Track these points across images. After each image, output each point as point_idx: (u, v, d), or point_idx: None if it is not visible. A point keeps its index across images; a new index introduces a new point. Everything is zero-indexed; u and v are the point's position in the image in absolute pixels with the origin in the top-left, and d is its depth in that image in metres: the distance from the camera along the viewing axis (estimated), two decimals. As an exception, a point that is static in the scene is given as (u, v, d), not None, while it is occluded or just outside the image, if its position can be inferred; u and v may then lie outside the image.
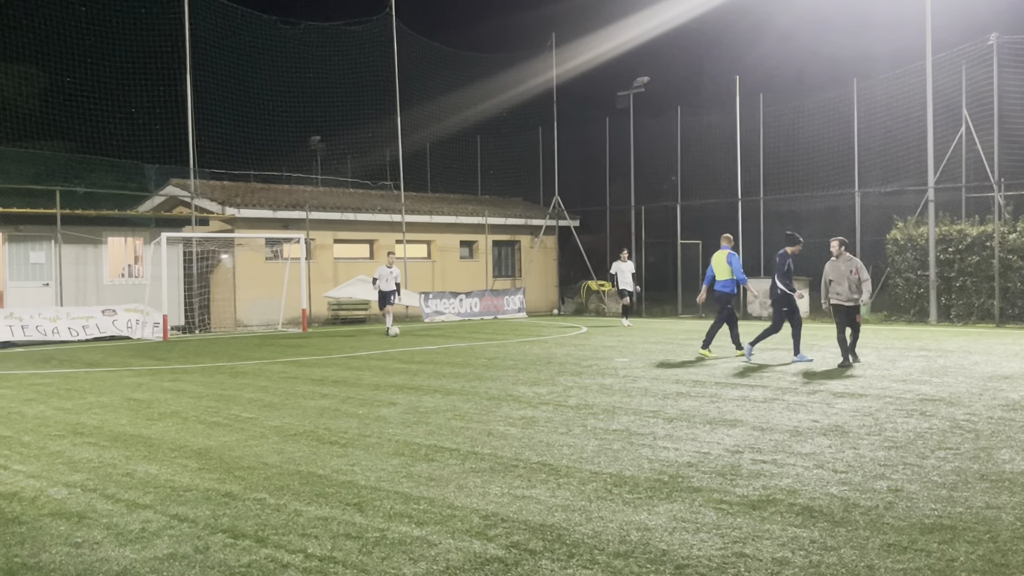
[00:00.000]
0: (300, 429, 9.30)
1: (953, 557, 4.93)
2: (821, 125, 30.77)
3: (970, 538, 5.25)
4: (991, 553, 4.98)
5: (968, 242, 24.81)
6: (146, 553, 5.29)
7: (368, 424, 9.51)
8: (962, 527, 5.46)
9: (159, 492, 6.74)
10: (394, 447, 8.24)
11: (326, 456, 7.91)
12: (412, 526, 5.73)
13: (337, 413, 10.31)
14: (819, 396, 10.95)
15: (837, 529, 5.48)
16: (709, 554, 5.08)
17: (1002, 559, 4.87)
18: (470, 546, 5.30)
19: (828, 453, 7.62)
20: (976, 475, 6.76)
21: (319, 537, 5.54)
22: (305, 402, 11.26)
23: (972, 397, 10.71)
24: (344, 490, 6.68)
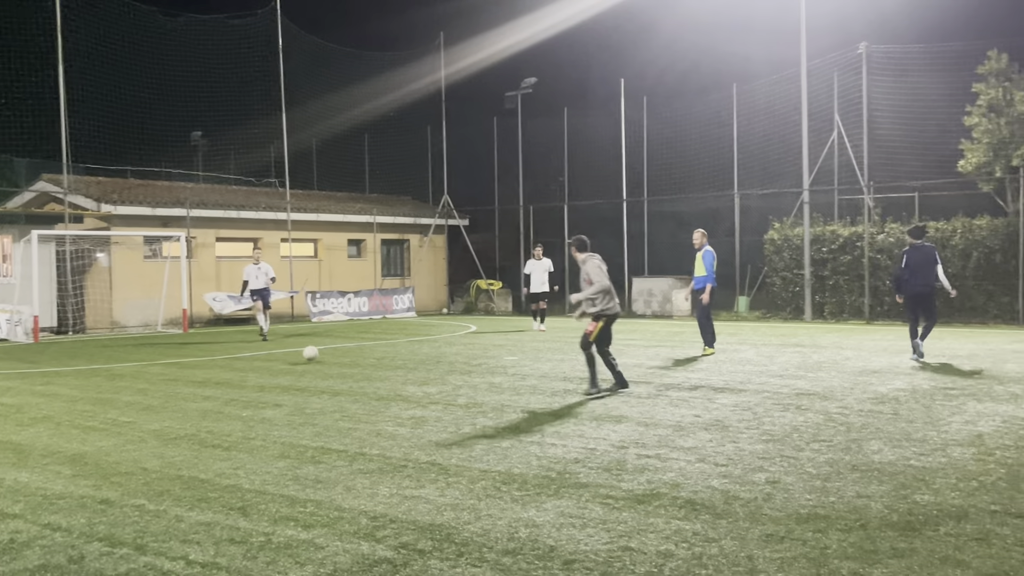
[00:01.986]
0: (181, 432, 9.03)
1: (827, 545, 5.14)
2: (703, 128, 31.64)
3: (842, 526, 5.48)
4: (861, 540, 5.20)
5: (840, 242, 25.88)
6: (15, 565, 5.05)
7: (253, 426, 9.31)
8: (835, 516, 5.70)
9: (30, 500, 6.45)
10: (280, 449, 8.09)
11: (208, 460, 7.71)
12: (298, 529, 5.64)
13: (220, 416, 10.06)
14: (701, 392, 11.25)
15: (719, 521, 5.64)
16: (596, 549, 5.16)
17: (872, 546, 5.10)
18: (358, 548, 5.25)
19: (710, 447, 7.84)
20: (848, 466, 7.06)
21: (201, 543, 5.39)
22: (186, 405, 10.94)
23: (844, 391, 11.17)
24: (227, 494, 6.52)
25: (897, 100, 27.65)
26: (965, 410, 9.63)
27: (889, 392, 11.01)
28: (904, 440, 8.03)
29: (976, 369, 13.23)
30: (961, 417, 9.20)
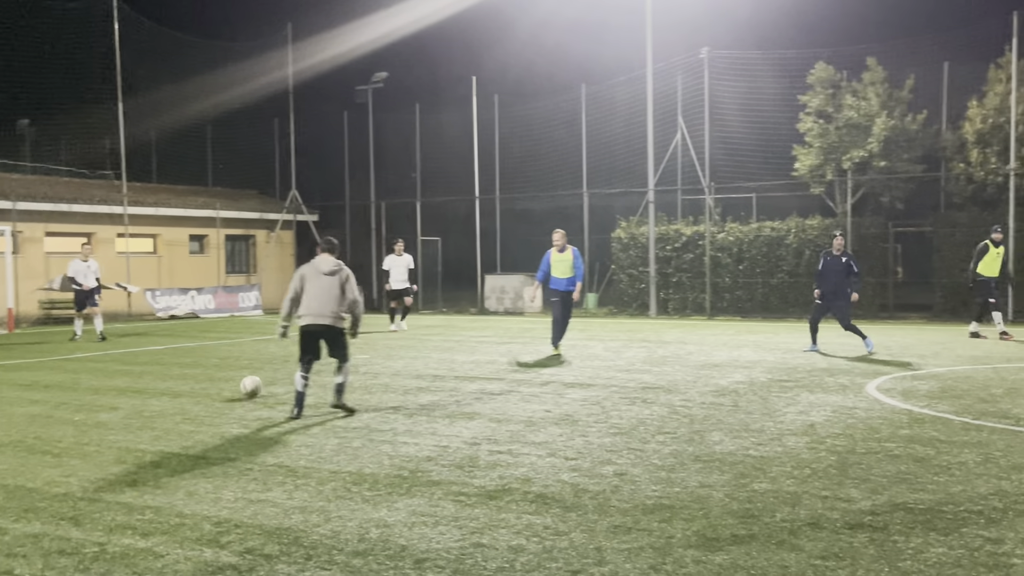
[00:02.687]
0: (6, 439, 8.47)
1: (671, 534, 5.28)
2: (554, 127, 32.11)
3: (686, 515, 5.65)
4: (704, 528, 5.38)
5: (683, 241, 26.80)
6: None
7: (86, 431, 8.83)
8: (679, 506, 5.87)
9: None
10: (116, 455, 7.70)
11: (36, 467, 7.26)
12: (136, 538, 5.37)
13: (50, 420, 9.49)
14: (551, 387, 11.40)
15: (568, 514, 5.72)
16: (448, 546, 5.14)
17: (714, 533, 5.28)
18: (200, 555, 5.05)
19: (560, 441, 7.95)
20: (691, 456, 7.29)
21: (28, 556, 5.06)
22: (12, 409, 10.27)
23: (687, 384, 11.56)
24: (58, 503, 6.15)
25: (737, 104, 28.84)
26: (799, 401, 10.12)
27: (729, 385, 11.46)
28: (743, 431, 8.36)
29: (809, 362, 13.93)
30: (795, 408, 9.65)
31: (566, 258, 15.46)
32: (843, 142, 26.10)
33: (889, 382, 11.62)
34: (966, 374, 12.44)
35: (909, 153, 26.22)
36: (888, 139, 25.64)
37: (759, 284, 25.67)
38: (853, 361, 13.88)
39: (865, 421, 8.80)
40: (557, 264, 15.48)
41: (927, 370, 12.91)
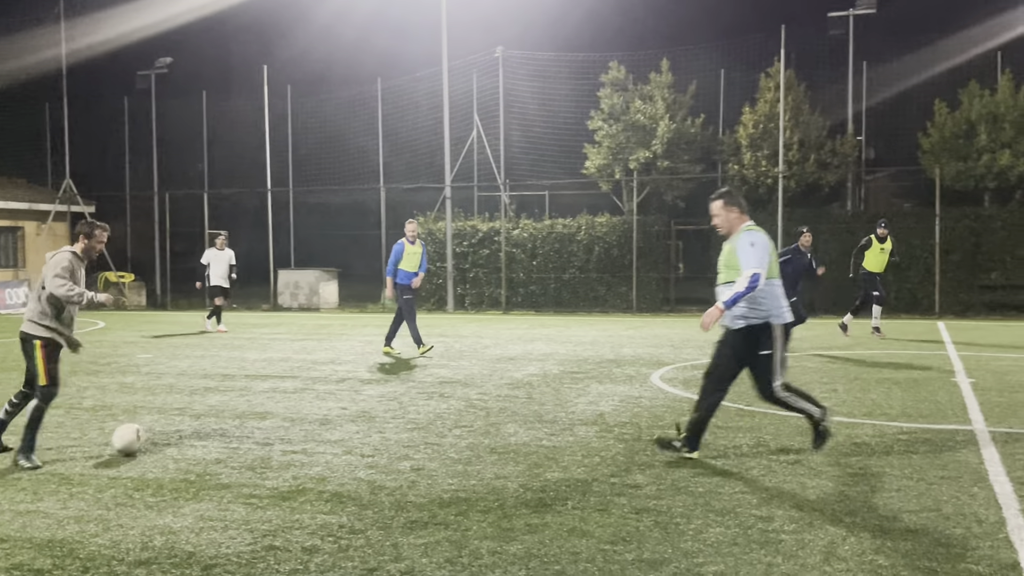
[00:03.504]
0: None
1: (468, 527, 5.33)
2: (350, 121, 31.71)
3: (482, 507, 5.72)
4: (499, 519, 5.46)
5: (480, 236, 27.15)
6: None
7: None
8: (475, 498, 5.93)
9: None
10: None
11: None
12: None
13: None
14: (348, 384, 11.26)
15: (365, 512, 5.65)
16: (238, 551, 4.96)
17: (509, 524, 5.37)
18: (-40, 575, 4.63)
19: (356, 439, 7.85)
20: (487, 449, 7.40)
21: None
22: None
23: (483, 378, 11.72)
24: None
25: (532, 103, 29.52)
26: (589, 392, 10.48)
27: (523, 377, 11.71)
28: (537, 422, 8.57)
29: (597, 354, 14.46)
30: (586, 398, 9.99)
31: (417, 250, 14.98)
32: (630, 143, 27.26)
33: (671, 372, 12.24)
34: (740, 363, 13.27)
35: (689, 154, 27.74)
36: (671, 141, 27.01)
37: (552, 279, 26.40)
38: (639, 352, 14.53)
39: (650, 410, 9.23)
40: (410, 257, 14.88)
41: (706, 360, 13.67)
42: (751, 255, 6.62)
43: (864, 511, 5.53)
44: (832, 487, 6.09)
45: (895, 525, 5.24)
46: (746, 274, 6.55)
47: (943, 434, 7.87)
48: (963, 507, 5.59)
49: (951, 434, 7.86)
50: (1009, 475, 6.35)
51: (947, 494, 5.89)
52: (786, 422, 8.48)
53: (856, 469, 6.60)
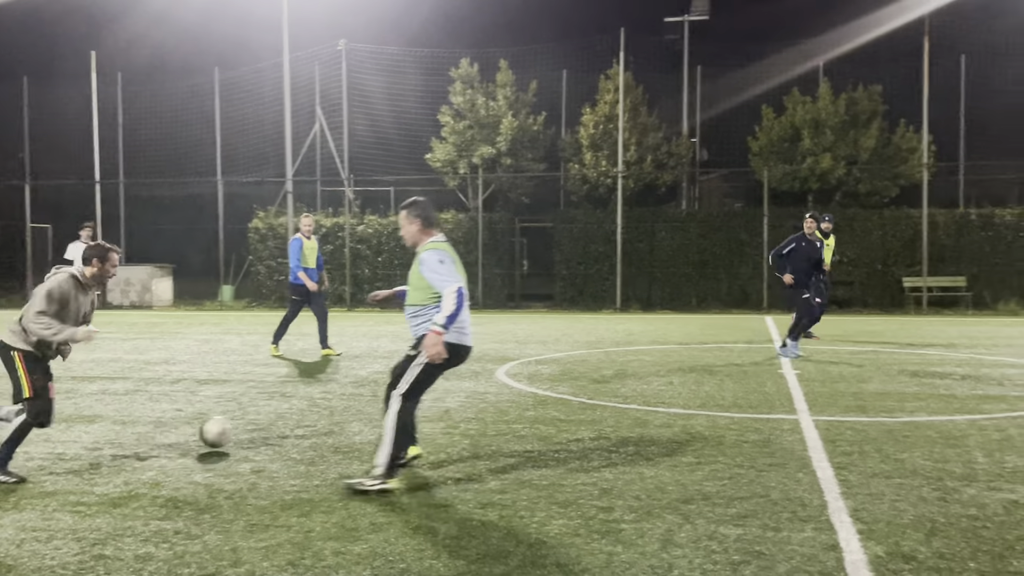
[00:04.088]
0: None
1: (311, 528, 5.23)
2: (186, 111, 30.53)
3: (326, 508, 5.62)
4: (343, 520, 5.38)
5: (323, 232, 26.68)
6: None
7: None
8: (319, 499, 5.83)
9: None
10: None
11: None
12: None
13: None
14: (183, 385, 10.85)
15: (202, 516, 5.46)
16: (64, 561, 4.69)
17: (353, 524, 5.30)
18: None
19: (193, 441, 7.57)
20: (331, 448, 7.28)
21: None
22: None
23: (327, 376, 11.52)
24: None
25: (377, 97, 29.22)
26: (435, 388, 10.40)
27: (369, 375, 11.59)
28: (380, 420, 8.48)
29: (443, 350, 14.45)
30: (431, 395, 9.94)
31: (314, 246, 14.32)
32: (475, 139, 27.42)
33: (516, 367, 12.39)
34: (582, 358, 13.60)
35: (533, 153, 28.13)
36: (515, 139, 27.32)
37: (398, 276, 26.23)
38: (485, 348, 14.62)
39: (495, 405, 9.30)
40: (309, 253, 14.19)
41: (549, 355, 13.94)
42: (444, 273, 6.18)
43: (699, 499, 5.75)
44: (669, 476, 6.31)
45: (728, 511, 5.48)
46: (450, 292, 6.06)
47: (771, 423, 8.28)
48: (789, 492, 5.90)
49: (778, 423, 8.28)
50: (830, 460, 6.74)
51: (775, 480, 6.20)
52: (625, 415, 8.73)
53: (692, 458, 6.85)
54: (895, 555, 4.69)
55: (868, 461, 6.73)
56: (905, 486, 6.02)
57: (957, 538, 4.95)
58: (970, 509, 5.49)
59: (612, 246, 25.82)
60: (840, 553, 4.73)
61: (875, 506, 5.57)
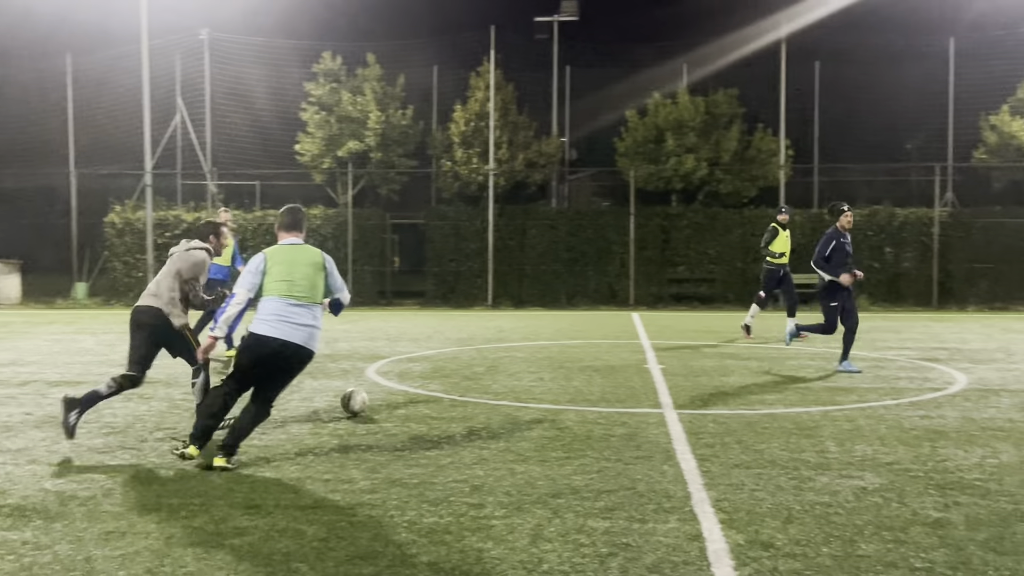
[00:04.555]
0: None
1: (171, 534, 5.02)
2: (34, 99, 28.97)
3: (187, 513, 5.41)
4: (207, 524, 5.20)
5: (184, 227, 25.80)
6: None
7: None
8: (180, 504, 5.61)
9: None
10: None
11: None
12: None
13: None
14: (32, 387, 10.29)
15: (52, 525, 5.18)
16: None
17: (217, 528, 5.12)
18: None
19: (42, 447, 7.19)
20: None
21: None
22: None
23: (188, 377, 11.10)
24: None
25: (241, 89, 28.42)
26: (303, 388, 10.26)
27: (233, 374, 11.25)
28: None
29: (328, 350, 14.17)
30: (299, 395, 9.78)
31: (230, 243, 13.54)
32: (343, 134, 27.04)
33: (387, 365, 12.27)
34: (454, 355, 13.59)
35: (403, 148, 27.96)
36: (384, 134, 27.08)
37: (263, 272, 25.61)
38: (355, 346, 14.43)
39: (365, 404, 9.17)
40: (227, 251, 13.49)
41: (420, 353, 13.87)
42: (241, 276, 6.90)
43: (568, 493, 5.82)
44: (539, 471, 6.36)
45: (596, 505, 5.56)
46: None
47: (637, 417, 8.46)
48: (655, 484, 6.03)
49: (644, 417, 8.47)
50: (694, 452, 6.93)
51: (641, 473, 6.33)
52: (496, 411, 8.77)
53: (561, 453, 6.93)
54: (754, 543, 4.86)
55: (729, 452, 6.95)
56: (764, 476, 6.24)
57: (811, 524, 5.17)
58: (823, 496, 5.74)
59: (484, 243, 25.92)
60: (703, 542, 4.87)
61: (736, 496, 5.75)
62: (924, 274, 25.84)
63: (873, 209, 26.43)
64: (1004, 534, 4.98)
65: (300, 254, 6.95)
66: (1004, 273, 25.67)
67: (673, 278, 26.53)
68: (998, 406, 9.03)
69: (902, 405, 9.11)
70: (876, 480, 6.12)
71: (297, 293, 6.68)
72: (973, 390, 10.08)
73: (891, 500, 5.64)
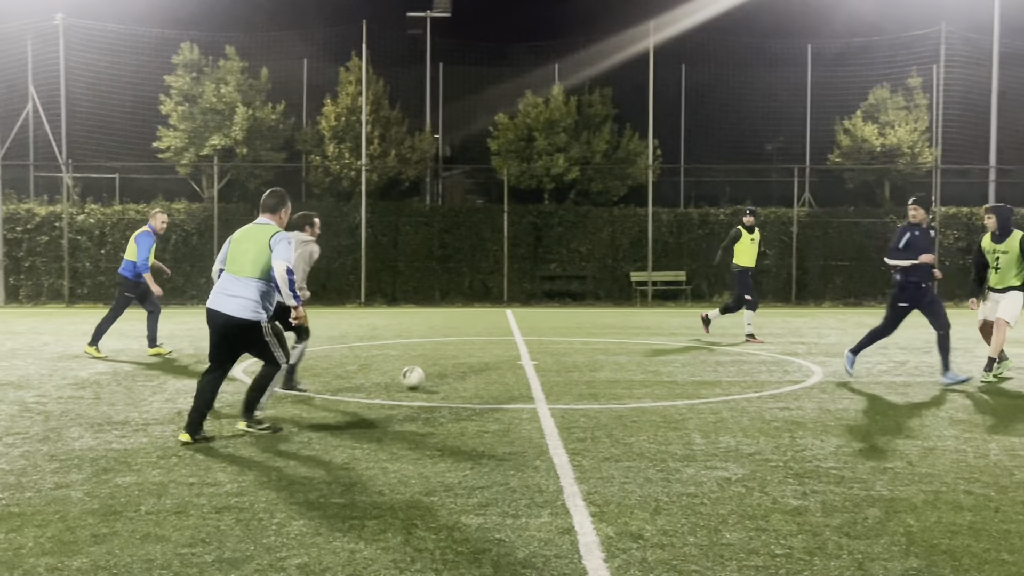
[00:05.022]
0: None
1: (21, 544, 4.76)
2: None
3: (39, 521, 5.14)
4: (60, 533, 4.95)
5: (37, 222, 24.59)
6: None
7: None
8: (31, 512, 5.32)
9: None
10: None
11: None
12: None
13: None
14: None
15: None
16: None
17: (71, 536, 4.88)
18: None
19: None
20: (46, 456, 6.68)
21: None
22: None
23: (42, 378, 10.60)
24: None
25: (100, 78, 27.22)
26: (166, 388, 9.91)
27: (91, 376, 10.78)
28: (106, 424, 7.91)
29: (177, 348, 13.71)
30: (162, 396, 9.44)
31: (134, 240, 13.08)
32: (207, 127, 26.24)
33: (255, 364, 11.94)
34: (325, 353, 13.37)
35: (272, 143, 27.34)
36: (251, 128, 26.42)
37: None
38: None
39: (232, 404, 8.91)
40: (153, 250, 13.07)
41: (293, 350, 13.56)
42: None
43: (441, 490, 5.80)
44: (412, 469, 6.31)
45: (469, 501, 5.55)
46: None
47: (510, 413, 8.51)
48: (527, 479, 6.07)
49: (518, 413, 8.53)
50: (566, 447, 7.02)
51: (514, 468, 6.37)
52: (369, 409, 8.67)
53: (434, 451, 6.90)
54: (624, 534, 4.95)
55: (600, 446, 7.07)
56: (633, 468, 6.37)
57: (678, 515, 5.30)
58: (689, 487, 5.90)
59: (356, 240, 25.62)
60: (575, 536, 4.93)
61: (606, 489, 5.85)
62: (784, 271, 26.95)
63: (735, 209, 27.39)
64: (856, 519, 5.23)
65: (253, 232, 7.36)
66: (857, 270, 27.07)
67: (545, 275, 26.85)
68: (851, 397, 9.49)
69: (763, 397, 9.46)
70: (739, 470, 6.33)
71: (234, 268, 7.26)
72: (829, 382, 10.56)
73: (753, 489, 5.85)
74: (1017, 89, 29.27)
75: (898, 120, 28.66)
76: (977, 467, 6.43)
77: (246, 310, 7.14)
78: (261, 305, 7.21)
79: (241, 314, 7.13)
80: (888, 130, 28.52)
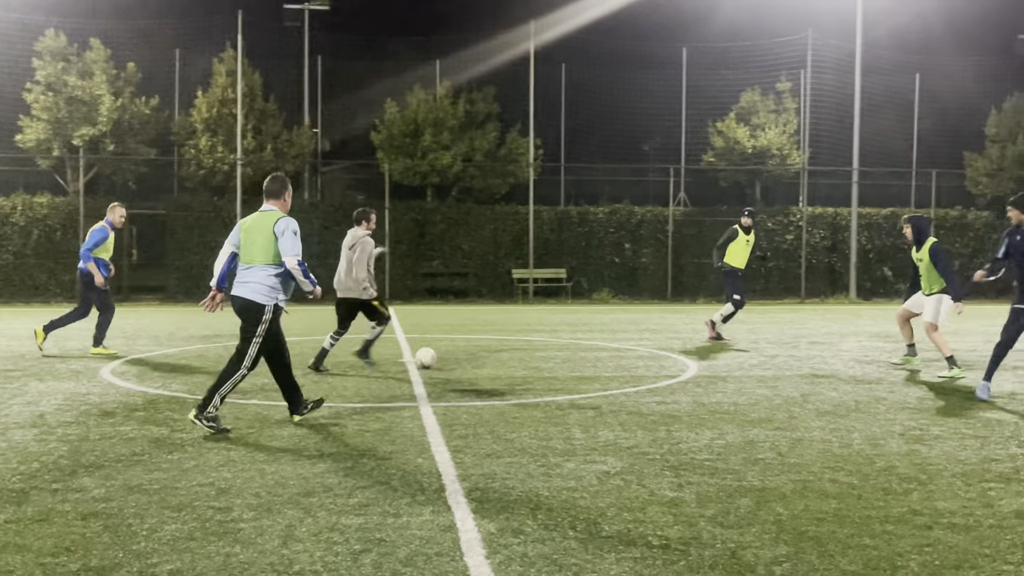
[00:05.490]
0: None
1: None
2: None
3: None
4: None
5: None
6: None
7: None
8: None
9: None
10: None
11: None
12: None
13: None
14: None
15: None
16: None
17: (-79, 550, 4.59)
18: None
19: None
20: None
21: None
22: None
23: None
24: None
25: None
26: (27, 391, 9.45)
27: (-57, 378, 10.18)
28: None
29: (34, 349, 13.08)
30: (23, 399, 8.99)
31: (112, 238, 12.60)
32: (73, 118, 25.13)
33: (124, 365, 11.53)
34: (199, 353, 12.98)
35: (142, 135, 26.37)
36: (119, 120, 25.43)
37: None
38: (87, 345, 13.43)
39: (99, 407, 8.58)
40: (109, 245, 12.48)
41: (162, 351, 13.14)
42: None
43: (320, 491, 5.70)
44: (290, 471, 6.19)
45: (349, 502, 5.48)
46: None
47: (392, 411, 8.45)
48: (409, 478, 6.03)
49: (399, 411, 8.47)
50: (448, 444, 7.01)
51: (395, 467, 6.31)
52: (245, 410, 8.47)
53: (313, 451, 6.78)
54: (505, 530, 4.97)
55: (482, 443, 7.08)
56: (514, 464, 6.41)
57: (559, 509, 5.36)
58: (569, 481, 5.97)
59: (231, 235, 24.93)
60: (456, 533, 4.92)
61: (488, 485, 5.87)
62: (660, 268, 27.60)
63: (614, 207, 27.91)
64: (729, 508, 5.39)
65: (259, 222, 7.65)
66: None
67: (428, 272, 26.76)
68: (724, 391, 9.79)
69: (641, 392, 9.67)
70: (618, 464, 6.44)
71: (246, 259, 7.58)
72: (703, 376, 10.86)
73: (631, 482, 5.96)
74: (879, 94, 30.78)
75: (768, 123, 29.72)
76: (841, 456, 6.73)
77: (258, 293, 7.47)
78: (273, 290, 7.50)
79: (253, 296, 7.47)
80: (759, 132, 29.55)
